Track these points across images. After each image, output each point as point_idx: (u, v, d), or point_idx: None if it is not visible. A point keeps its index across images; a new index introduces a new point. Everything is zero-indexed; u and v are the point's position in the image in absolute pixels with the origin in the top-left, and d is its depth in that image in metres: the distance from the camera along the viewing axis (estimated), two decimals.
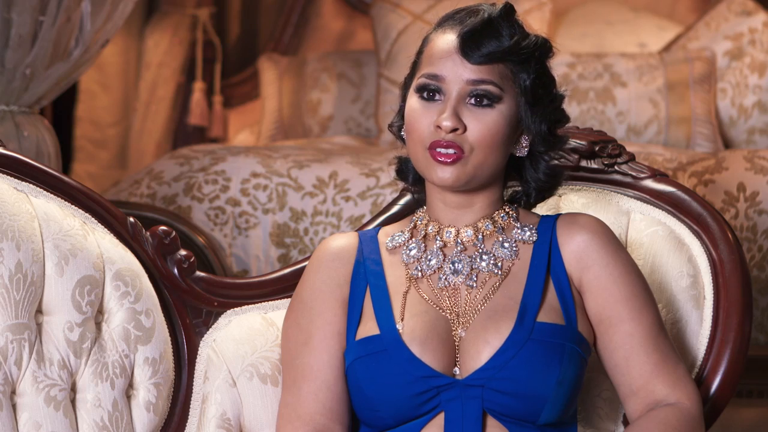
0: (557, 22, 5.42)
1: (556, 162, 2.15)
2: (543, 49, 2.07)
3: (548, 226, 2.10)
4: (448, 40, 2.05)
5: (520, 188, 2.16)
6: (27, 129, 3.34)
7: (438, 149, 2.02)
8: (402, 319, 2.04)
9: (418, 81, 2.06)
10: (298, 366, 2.09)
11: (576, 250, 2.08)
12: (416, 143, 2.06)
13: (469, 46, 2.03)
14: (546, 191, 2.15)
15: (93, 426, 2.19)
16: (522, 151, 2.09)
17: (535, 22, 5.02)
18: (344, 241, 2.15)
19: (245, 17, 6.13)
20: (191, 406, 2.27)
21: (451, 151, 2.02)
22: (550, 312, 2.04)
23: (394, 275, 2.10)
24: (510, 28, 2.05)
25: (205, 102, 5.73)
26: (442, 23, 2.09)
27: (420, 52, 2.10)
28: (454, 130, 2.02)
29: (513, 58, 2.04)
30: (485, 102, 2.03)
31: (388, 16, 5.18)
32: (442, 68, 2.04)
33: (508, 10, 2.05)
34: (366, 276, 2.11)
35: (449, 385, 2.00)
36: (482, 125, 2.03)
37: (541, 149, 2.10)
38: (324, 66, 5.44)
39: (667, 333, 2.09)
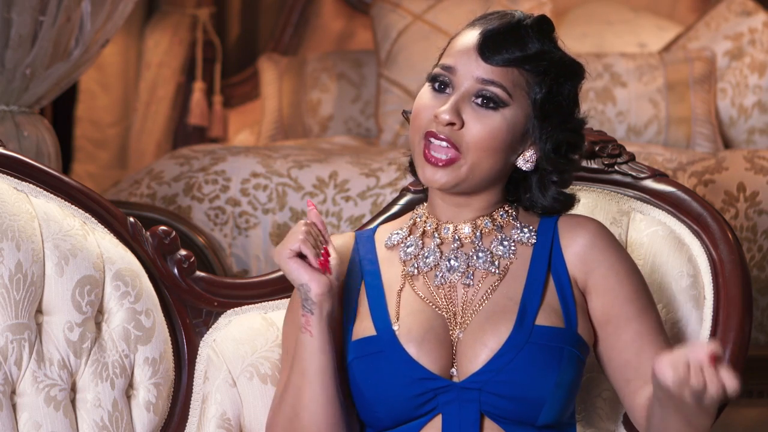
0: (557, 22, 5.38)
1: (568, 192, 2.10)
2: (565, 69, 2.04)
3: (549, 227, 2.09)
4: (471, 36, 2.05)
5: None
6: (27, 129, 3.34)
7: (431, 140, 2.02)
8: (397, 319, 2.04)
9: (433, 70, 2.07)
10: None
11: (580, 252, 2.07)
12: (415, 130, 2.05)
13: (486, 46, 2.02)
14: (552, 213, 2.11)
15: (93, 426, 2.19)
16: (526, 164, 2.06)
17: None
18: (339, 242, 2.15)
19: (245, 17, 6.13)
20: (191, 406, 2.27)
21: (444, 144, 2.01)
22: (550, 314, 2.03)
23: (390, 273, 2.10)
24: (539, 40, 2.03)
25: (205, 102, 5.73)
26: (475, 21, 2.08)
27: (447, 45, 2.10)
28: (451, 124, 2.01)
29: (528, 67, 2.02)
30: (490, 104, 2.02)
31: (388, 16, 5.18)
32: (457, 61, 2.04)
33: (541, 21, 2.04)
34: (362, 274, 2.11)
35: (446, 387, 1.99)
36: (481, 126, 2.02)
37: (547, 168, 2.07)
38: (324, 66, 5.44)
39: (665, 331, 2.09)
